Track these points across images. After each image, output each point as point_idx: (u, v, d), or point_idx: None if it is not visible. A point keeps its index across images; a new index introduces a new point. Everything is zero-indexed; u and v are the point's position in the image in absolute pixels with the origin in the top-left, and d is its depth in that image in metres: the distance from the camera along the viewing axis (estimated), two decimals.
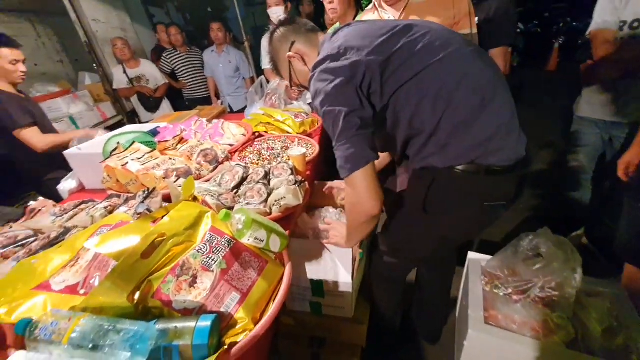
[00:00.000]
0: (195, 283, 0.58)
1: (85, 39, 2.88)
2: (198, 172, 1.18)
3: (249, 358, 0.58)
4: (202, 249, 0.62)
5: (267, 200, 0.96)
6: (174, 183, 1.03)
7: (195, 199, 0.82)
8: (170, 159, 1.19)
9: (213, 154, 1.24)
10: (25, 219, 0.98)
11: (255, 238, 0.67)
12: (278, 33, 0.95)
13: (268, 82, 2.24)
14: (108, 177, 1.12)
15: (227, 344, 0.52)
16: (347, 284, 0.91)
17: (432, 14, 1.17)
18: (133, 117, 3.26)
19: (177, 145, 1.35)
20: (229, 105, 3.15)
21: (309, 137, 1.56)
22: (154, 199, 0.89)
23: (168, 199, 0.90)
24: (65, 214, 0.93)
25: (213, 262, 0.61)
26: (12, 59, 1.58)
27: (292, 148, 1.37)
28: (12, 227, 0.85)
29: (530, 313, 0.94)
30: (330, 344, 1.09)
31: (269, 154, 1.36)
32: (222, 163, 1.26)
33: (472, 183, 0.77)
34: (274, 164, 1.12)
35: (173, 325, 0.48)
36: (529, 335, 0.91)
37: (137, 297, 0.54)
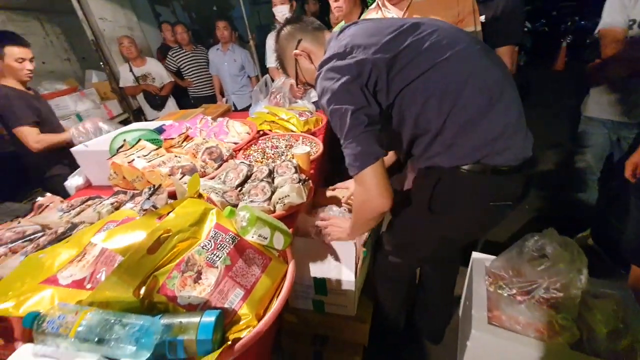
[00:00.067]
0: (200, 279, 0.58)
1: (92, 38, 2.91)
2: (203, 169, 1.19)
3: (252, 354, 0.58)
4: (206, 246, 0.62)
5: (271, 198, 0.96)
6: (180, 180, 1.04)
7: (200, 196, 0.83)
8: (176, 157, 1.20)
9: (218, 152, 1.25)
10: (33, 215, 0.99)
11: (259, 235, 0.67)
12: (285, 31, 0.95)
13: (273, 80, 2.24)
14: (114, 173, 1.13)
15: (230, 340, 0.52)
16: (350, 282, 0.91)
17: (435, 12, 1.16)
18: (139, 114, 3.30)
19: (182, 143, 1.35)
20: (234, 104, 3.16)
21: (313, 135, 1.56)
22: (160, 196, 0.90)
23: (173, 196, 0.91)
24: (72, 210, 0.94)
25: (217, 258, 0.61)
26: (18, 57, 1.59)
27: (296, 146, 1.38)
28: (20, 222, 0.86)
29: (535, 314, 0.93)
30: (333, 342, 1.10)
31: (273, 152, 1.36)
32: (226, 161, 1.27)
33: (478, 183, 0.76)
34: (278, 162, 1.13)
35: (178, 320, 0.49)
36: (533, 336, 0.90)
37: (142, 292, 0.54)
